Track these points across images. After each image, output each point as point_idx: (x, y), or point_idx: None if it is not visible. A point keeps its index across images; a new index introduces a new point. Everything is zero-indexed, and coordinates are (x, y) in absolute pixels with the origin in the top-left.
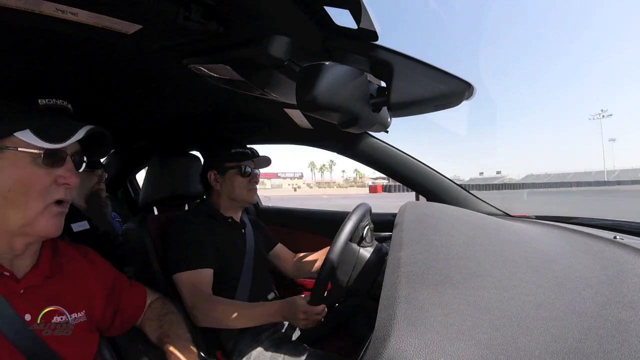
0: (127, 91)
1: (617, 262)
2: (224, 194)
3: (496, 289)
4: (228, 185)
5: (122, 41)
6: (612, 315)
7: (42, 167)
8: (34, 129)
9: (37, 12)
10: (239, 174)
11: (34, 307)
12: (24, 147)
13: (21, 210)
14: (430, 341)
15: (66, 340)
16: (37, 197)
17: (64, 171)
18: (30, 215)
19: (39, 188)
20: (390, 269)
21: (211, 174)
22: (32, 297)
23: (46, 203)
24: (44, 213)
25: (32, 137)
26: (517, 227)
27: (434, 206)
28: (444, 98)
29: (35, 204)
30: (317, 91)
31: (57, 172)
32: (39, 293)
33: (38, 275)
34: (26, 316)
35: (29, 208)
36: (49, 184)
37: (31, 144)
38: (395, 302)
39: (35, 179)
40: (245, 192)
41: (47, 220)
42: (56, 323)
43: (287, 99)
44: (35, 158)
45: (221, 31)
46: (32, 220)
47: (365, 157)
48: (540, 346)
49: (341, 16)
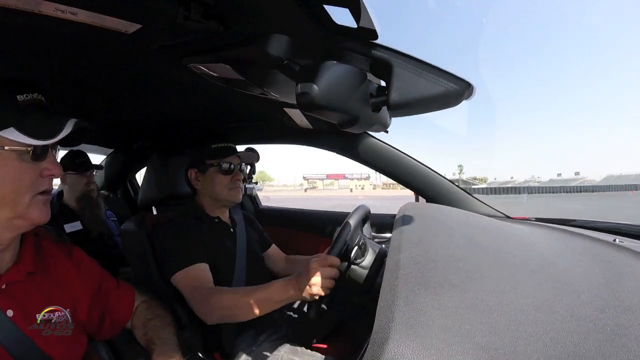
0: (126, 91)
1: (617, 265)
2: (206, 194)
3: (495, 292)
4: (209, 184)
5: (121, 41)
6: (611, 319)
7: (29, 163)
8: (19, 127)
9: (37, 12)
10: (219, 171)
11: (16, 303)
12: (10, 145)
13: (9, 205)
14: (429, 344)
15: (50, 338)
16: (26, 192)
17: (48, 163)
18: (19, 209)
19: (28, 183)
20: (389, 271)
21: (192, 173)
22: (14, 292)
23: (33, 195)
24: (32, 203)
25: (18, 135)
26: (516, 229)
27: (434, 208)
28: (444, 98)
29: (23, 198)
30: (316, 91)
31: (42, 165)
32: (22, 289)
33: (20, 271)
34: (8, 312)
35: (18, 203)
36: (36, 178)
37: (18, 142)
38: (393, 305)
39: (24, 175)
40: (226, 191)
41: (39, 209)
42: (40, 321)
43: (287, 98)
44: (22, 154)
45: (221, 30)
46: (22, 213)
47: (365, 157)
48: (538, 350)
49: (341, 15)
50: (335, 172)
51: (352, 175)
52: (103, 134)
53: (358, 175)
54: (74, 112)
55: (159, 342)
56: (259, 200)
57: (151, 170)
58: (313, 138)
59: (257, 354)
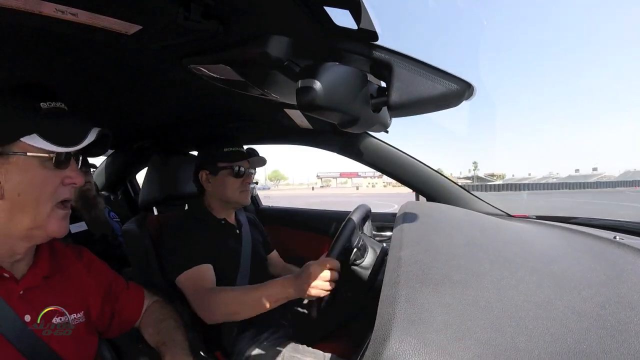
0: (127, 91)
1: (617, 262)
2: (216, 195)
3: (496, 289)
4: (220, 186)
5: (122, 41)
6: (611, 315)
7: (51, 170)
8: (42, 133)
9: (37, 13)
10: (231, 174)
11: (33, 308)
12: (34, 152)
13: (31, 213)
14: (430, 341)
15: (66, 340)
16: (47, 200)
17: (70, 172)
18: (39, 218)
19: (50, 190)
20: (390, 269)
21: (203, 174)
22: (32, 297)
23: (54, 204)
24: (52, 215)
25: (41, 142)
26: (517, 227)
27: (434, 206)
28: (444, 98)
29: (44, 206)
30: (316, 91)
31: (64, 173)
32: (38, 293)
33: (37, 275)
34: (26, 317)
35: (39, 211)
36: (58, 186)
37: (41, 149)
38: (395, 302)
39: (46, 181)
40: (237, 193)
41: (59, 222)
42: (56, 323)
43: (287, 99)
44: (44, 161)
45: (221, 31)
46: (42, 223)
47: (365, 157)
48: (539, 346)
49: (341, 16)
50: (348, 171)
51: (365, 173)
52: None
53: (371, 173)
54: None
55: (171, 344)
56: (259, 200)
57: (152, 170)
58: (313, 138)
59: (258, 353)
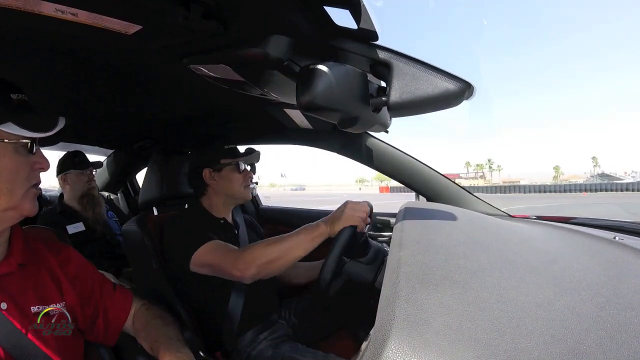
0: (127, 91)
1: (617, 263)
2: (221, 192)
3: (496, 289)
4: (225, 182)
5: (122, 41)
6: (611, 316)
7: (24, 156)
8: (17, 121)
9: (37, 13)
10: (236, 170)
11: (9, 297)
12: (10, 139)
13: (6, 196)
14: (430, 341)
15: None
16: (22, 184)
17: (38, 157)
18: (15, 200)
19: (24, 175)
20: (390, 269)
21: (206, 172)
22: (7, 286)
23: (27, 187)
24: (26, 195)
25: (16, 129)
26: (517, 227)
27: (434, 206)
28: (444, 98)
29: (19, 189)
30: (316, 91)
31: (33, 158)
32: (14, 282)
33: (11, 263)
34: (2, 305)
35: (14, 194)
36: (30, 170)
37: (16, 135)
38: (394, 302)
39: (20, 167)
40: (242, 188)
41: (31, 201)
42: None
43: (287, 99)
44: (18, 147)
45: (221, 31)
46: (17, 204)
47: (364, 157)
48: (539, 347)
49: (341, 16)
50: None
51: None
52: (103, 135)
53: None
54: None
55: (164, 339)
56: (259, 200)
57: (152, 170)
58: (313, 138)
59: (258, 353)
